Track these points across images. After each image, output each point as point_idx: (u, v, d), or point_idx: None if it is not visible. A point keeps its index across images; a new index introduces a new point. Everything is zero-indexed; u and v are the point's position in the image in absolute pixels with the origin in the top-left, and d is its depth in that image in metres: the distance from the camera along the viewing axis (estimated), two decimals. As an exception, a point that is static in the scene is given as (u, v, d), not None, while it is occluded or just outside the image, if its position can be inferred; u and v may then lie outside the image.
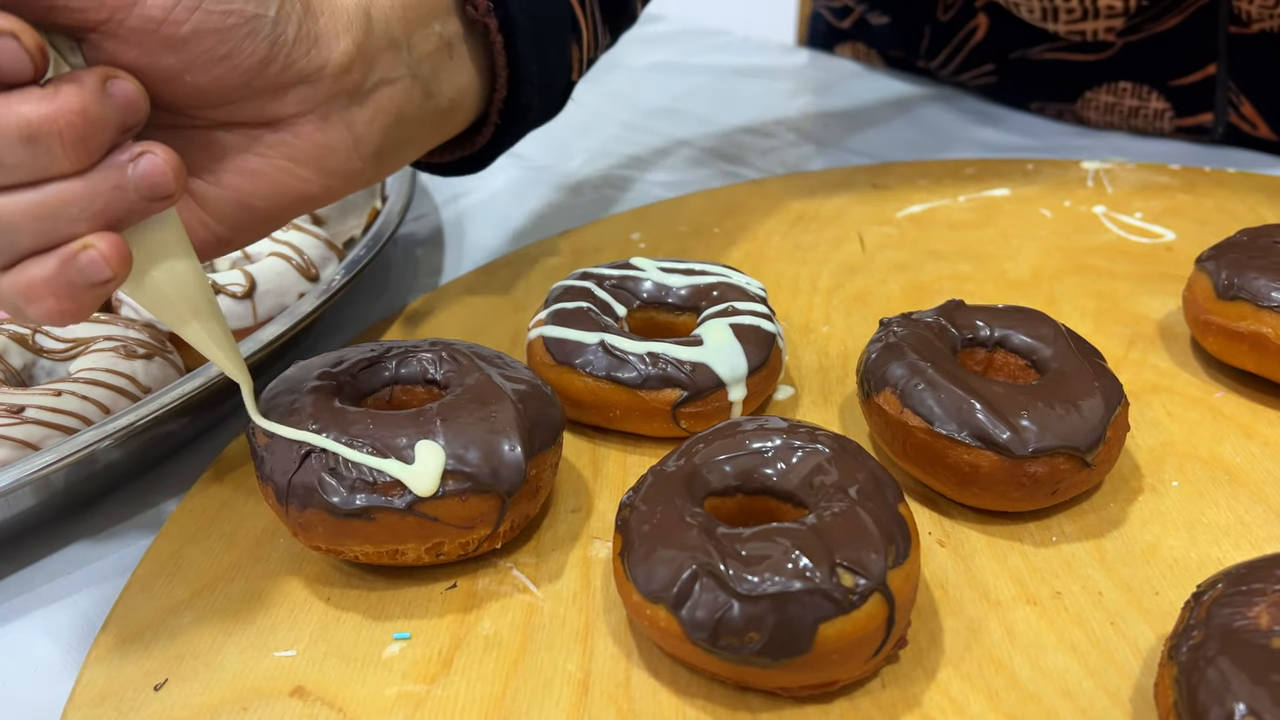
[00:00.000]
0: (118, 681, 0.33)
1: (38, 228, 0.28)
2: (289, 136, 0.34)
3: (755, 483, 0.35)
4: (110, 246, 0.29)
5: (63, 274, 0.28)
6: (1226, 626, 0.28)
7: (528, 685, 0.33)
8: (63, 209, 0.28)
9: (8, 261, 0.29)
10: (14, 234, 0.28)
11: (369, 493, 0.34)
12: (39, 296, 0.28)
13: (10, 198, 0.28)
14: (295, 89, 0.33)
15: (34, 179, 0.27)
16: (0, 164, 0.27)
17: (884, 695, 0.32)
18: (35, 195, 0.28)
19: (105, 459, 0.41)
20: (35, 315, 0.29)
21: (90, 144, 0.28)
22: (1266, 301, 0.42)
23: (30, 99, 0.27)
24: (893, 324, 0.42)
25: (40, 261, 0.28)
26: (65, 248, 0.28)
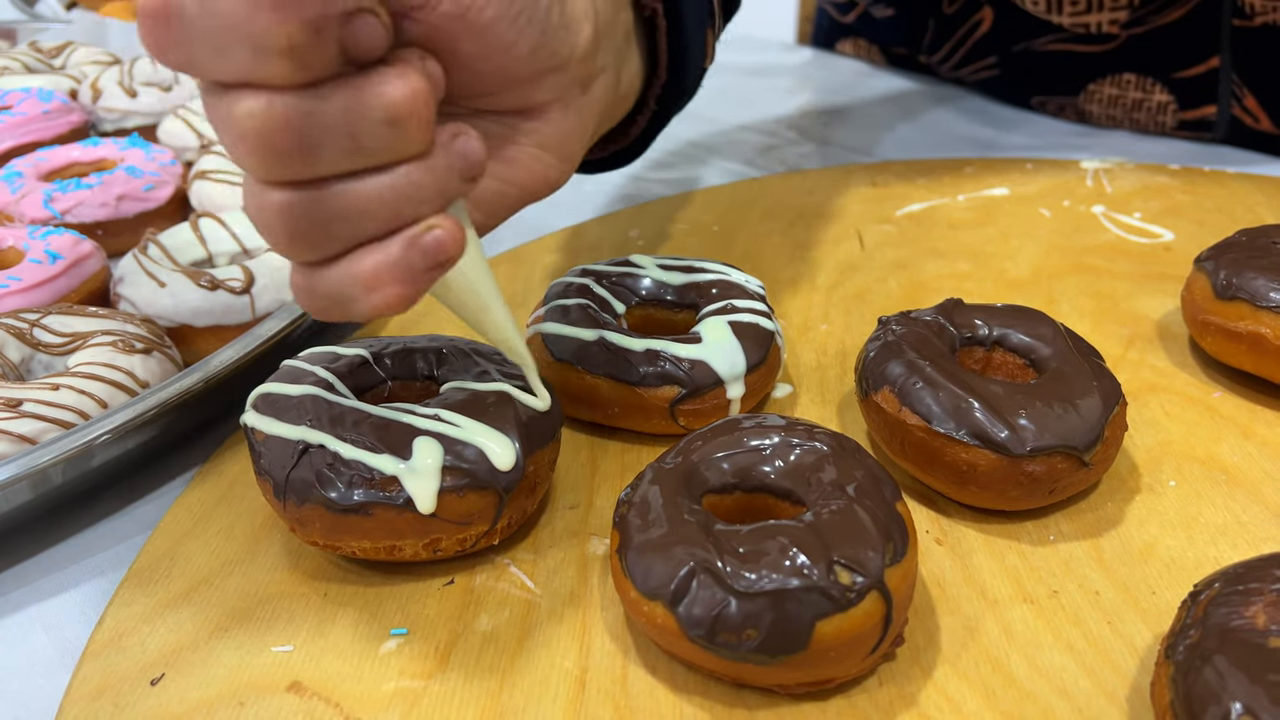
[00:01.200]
0: (114, 676, 0.33)
1: (389, 212, 0.27)
2: (540, 124, 0.34)
3: (753, 480, 0.35)
4: (454, 225, 0.28)
5: (406, 258, 0.28)
6: (1223, 626, 0.28)
7: (525, 682, 0.33)
8: (413, 191, 0.28)
9: (340, 250, 0.28)
10: (362, 219, 0.27)
11: (367, 488, 0.34)
12: (381, 284, 0.28)
13: (362, 182, 0.27)
14: (550, 76, 0.33)
15: (390, 161, 0.27)
16: (359, 147, 0.26)
17: (881, 693, 0.32)
18: (388, 178, 0.27)
19: (103, 454, 0.41)
20: (370, 306, 0.28)
21: (432, 125, 0.28)
22: (1265, 302, 0.42)
23: (388, 79, 0.26)
24: (891, 322, 0.42)
25: (380, 248, 0.28)
26: (409, 230, 0.28)
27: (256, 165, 0.26)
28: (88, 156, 0.66)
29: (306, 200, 0.27)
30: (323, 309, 0.29)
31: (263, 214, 0.27)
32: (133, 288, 0.51)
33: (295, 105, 0.25)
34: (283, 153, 0.26)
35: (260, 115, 0.25)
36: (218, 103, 0.26)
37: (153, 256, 0.52)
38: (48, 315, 0.47)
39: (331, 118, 0.26)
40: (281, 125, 0.25)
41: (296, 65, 0.25)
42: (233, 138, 0.26)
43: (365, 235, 0.28)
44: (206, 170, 0.62)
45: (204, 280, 0.50)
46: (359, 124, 0.26)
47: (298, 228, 0.27)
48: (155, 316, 0.50)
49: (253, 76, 0.25)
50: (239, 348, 0.45)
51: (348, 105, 0.26)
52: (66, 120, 0.73)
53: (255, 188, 0.27)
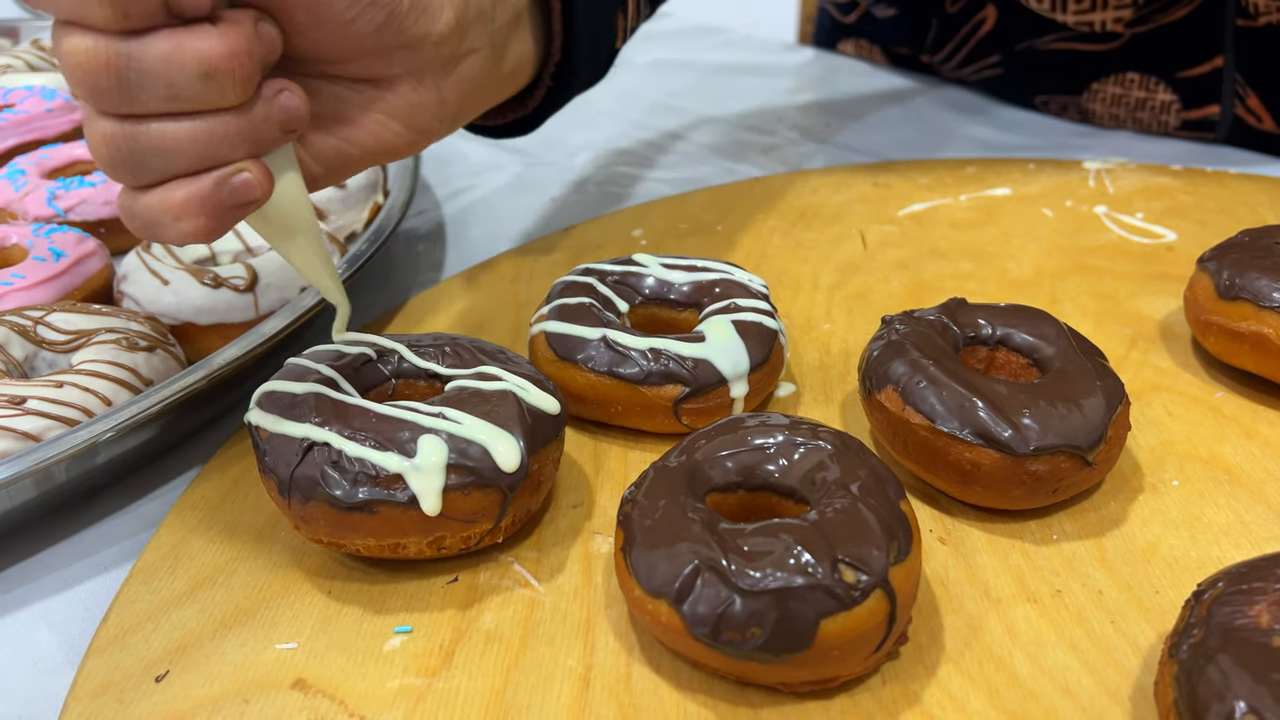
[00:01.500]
0: (119, 673, 0.33)
1: (199, 152, 0.30)
2: (387, 94, 0.36)
3: (757, 479, 0.35)
4: (261, 171, 0.32)
5: (215, 194, 0.31)
6: (1227, 625, 0.28)
7: (529, 679, 0.33)
8: (225, 137, 0.30)
9: (155, 180, 0.31)
10: (174, 156, 0.30)
11: (371, 486, 0.34)
12: (188, 214, 0.31)
13: (178, 124, 0.30)
14: (400, 52, 0.35)
15: (203, 109, 0.30)
16: (175, 94, 0.29)
17: (884, 691, 0.32)
18: (202, 123, 0.30)
19: (107, 451, 0.41)
20: (178, 233, 0.31)
21: (252, 81, 0.30)
22: (1267, 302, 0.42)
23: (209, 37, 0.29)
24: (895, 321, 0.42)
25: (193, 182, 0.31)
26: (220, 170, 0.31)
27: (83, 96, 0.29)
28: (90, 155, 0.66)
29: (126, 132, 0.30)
30: (139, 229, 0.32)
31: (90, 138, 0.30)
32: (136, 285, 0.51)
33: (115, 48, 0.28)
34: (103, 89, 0.29)
35: (83, 53, 0.28)
36: (56, 34, 0.29)
37: (156, 254, 0.52)
38: (51, 313, 0.47)
39: (149, 64, 0.28)
40: (102, 64, 0.28)
41: (116, 13, 0.28)
42: (64, 68, 0.29)
43: (178, 170, 0.30)
44: (209, 168, 0.62)
45: (207, 278, 0.50)
46: (174, 74, 0.29)
47: (118, 155, 0.30)
48: (158, 314, 0.50)
49: (77, 16, 0.28)
50: (242, 346, 0.45)
51: (165, 55, 0.28)
52: (69, 118, 0.73)
53: (88, 113, 0.30)
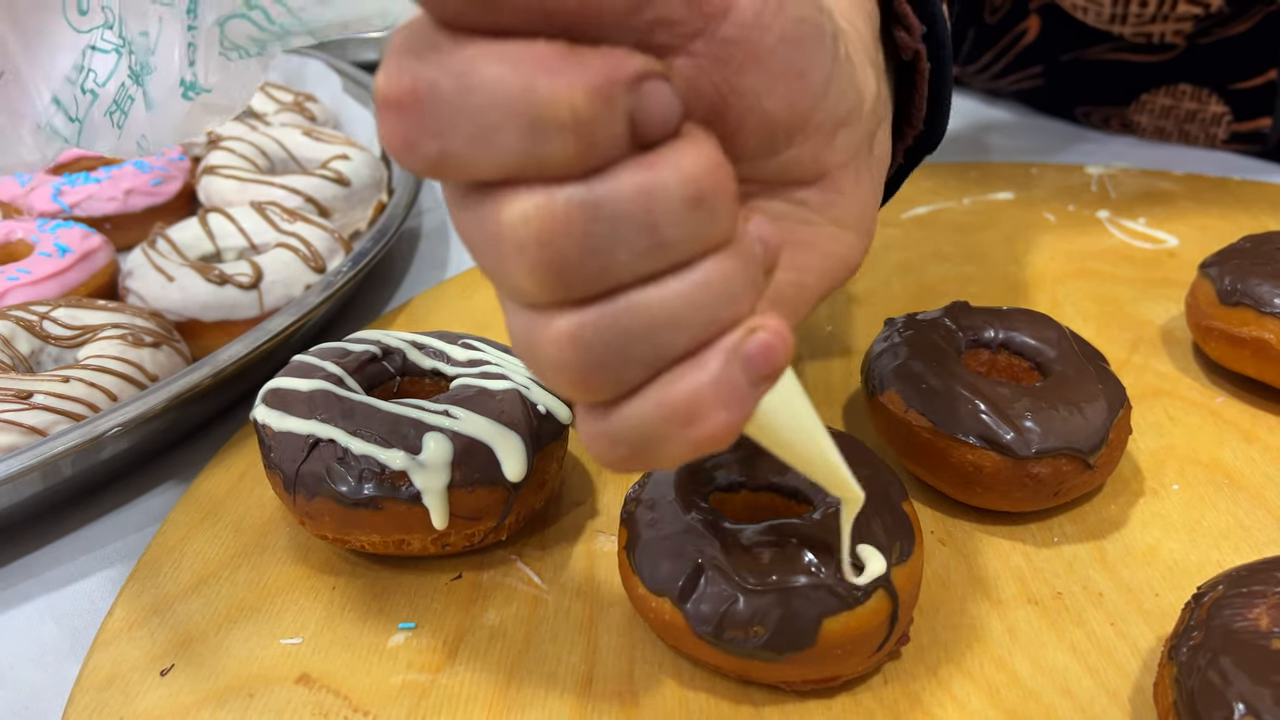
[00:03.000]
0: (124, 666, 0.34)
1: (701, 318, 0.21)
2: (835, 195, 0.28)
3: (760, 479, 0.35)
4: (776, 323, 0.22)
5: (728, 373, 0.21)
6: (1226, 627, 0.28)
7: (532, 676, 0.33)
8: (726, 288, 0.21)
9: (640, 381, 0.21)
10: (671, 333, 0.21)
11: (377, 483, 0.34)
12: (703, 412, 0.21)
13: (668, 285, 0.21)
14: (843, 130, 0.27)
15: (697, 254, 0.21)
16: (660, 242, 0.20)
17: (886, 691, 0.32)
18: (698, 276, 0.21)
19: (112, 446, 0.41)
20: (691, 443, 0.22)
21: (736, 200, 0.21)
22: (1268, 307, 0.43)
23: (683, 150, 0.20)
24: (898, 324, 0.42)
25: (694, 368, 0.21)
26: (726, 339, 0.21)
27: (539, 284, 0.20)
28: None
29: (600, 320, 0.21)
30: (627, 456, 0.22)
31: (547, 348, 0.21)
32: (141, 281, 0.51)
33: (581, 197, 0.19)
34: (571, 262, 0.20)
35: (539, 216, 0.19)
36: (478, 212, 0.20)
37: (161, 251, 0.52)
38: (57, 308, 0.47)
39: (625, 207, 0.20)
40: (566, 225, 0.19)
41: (583, 144, 0.19)
42: (504, 253, 0.20)
43: (674, 354, 0.21)
44: (214, 165, 0.63)
45: (212, 275, 0.50)
46: (657, 211, 0.20)
47: (593, 357, 0.21)
48: (164, 311, 0.50)
49: (527, 165, 0.19)
50: (247, 343, 0.45)
51: (641, 190, 0.20)
52: (75, 114, 0.73)
53: (531, 318, 0.21)
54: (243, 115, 0.72)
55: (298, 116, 0.71)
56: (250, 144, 0.65)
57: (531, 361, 0.22)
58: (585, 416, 0.22)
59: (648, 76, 0.20)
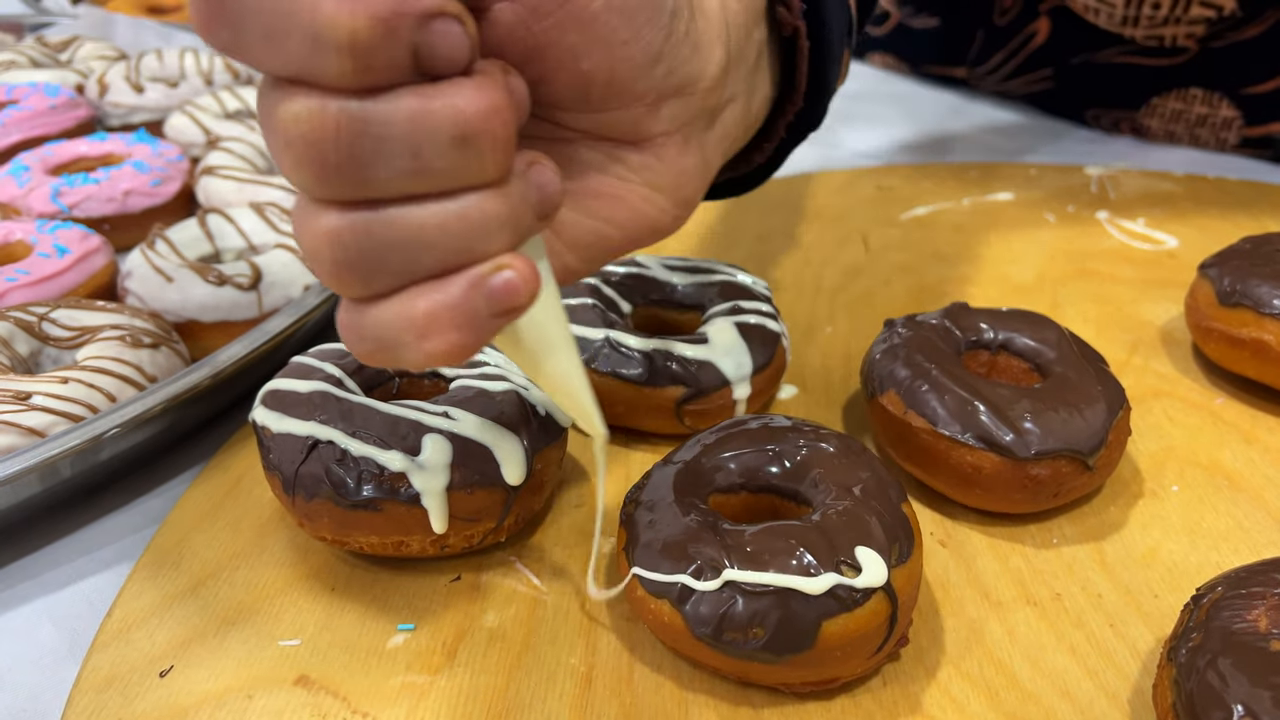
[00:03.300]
0: (123, 667, 0.34)
1: (451, 245, 0.23)
2: (652, 159, 0.29)
3: (759, 480, 0.35)
4: (526, 267, 0.24)
5: (469, 300, 0.23)
6: (1226, 629, 0.28)
7: (531, 678, 0.33)
8: (482, 224, 0.23)
9: (391, 287, 0.24)
10: (419, 252, 0.23)
11: (376, 484, 0.34)
12: (438, 328, 0.24)
13: (423, 208, 0.23)
14: (670, 102, 0.28)
15: (458, 186, 0.23)
16: (422, 167, 0.22)
17: (885, 693, 0.32)
18: (453, 206, 0.23)
19: (111, 447, 0.41)
20: (423, 353, 0.24)
21: (511, 147, 0.23)
22: (1268, 309, 0.43)
23: (462, 90, 0.22)
24: (897, 325, 0.42)
25: (440, 287, 0.23)
26: (474, 269, 0.23)
27: (303, 178, 0.22)
28: (95, 151, 0.66)
29: (358, 224, 0.23)
30: (369, 352, 0.25)
31: (309, 237, 0.23)
32: (140, 282, 0.51)
33: (350, 110, 0.22)
34: (332, 165, 0.22)
35: (309, 119, 0.21)
36: (266, 100, 0.22)
37: (160, 252, 0.52)
38: (56, 309, 0.47)
39: (392, 129, 0.22)
40: (332, 132, 0.22)
41: (357, 65, 0.21)
42: (279, 143, 0.22)
43: (423, 271, 0.24)
44: (213, 166, 0.63)
45: (211, 276, 0.50)
46: (424, 140, 0.22)
47: (346, 256, 0.23)
48: (162, 311, 0.50)
49: (305, 72, 0.21)
50: (246, 343, 0.45)
51: (411, 116, 0.22)
52: (73, 115, 0.73)
53: (304, 207, 0.23)
54: (242, 116, 0.72)
55: (297, 117, 0.71)
56: (249, 145, 0.65)
57: (301, 248, 0.24)
58: (342, 306, 0.25)
59: (439, 15, 0.21)
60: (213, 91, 0.76)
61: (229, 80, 0.79)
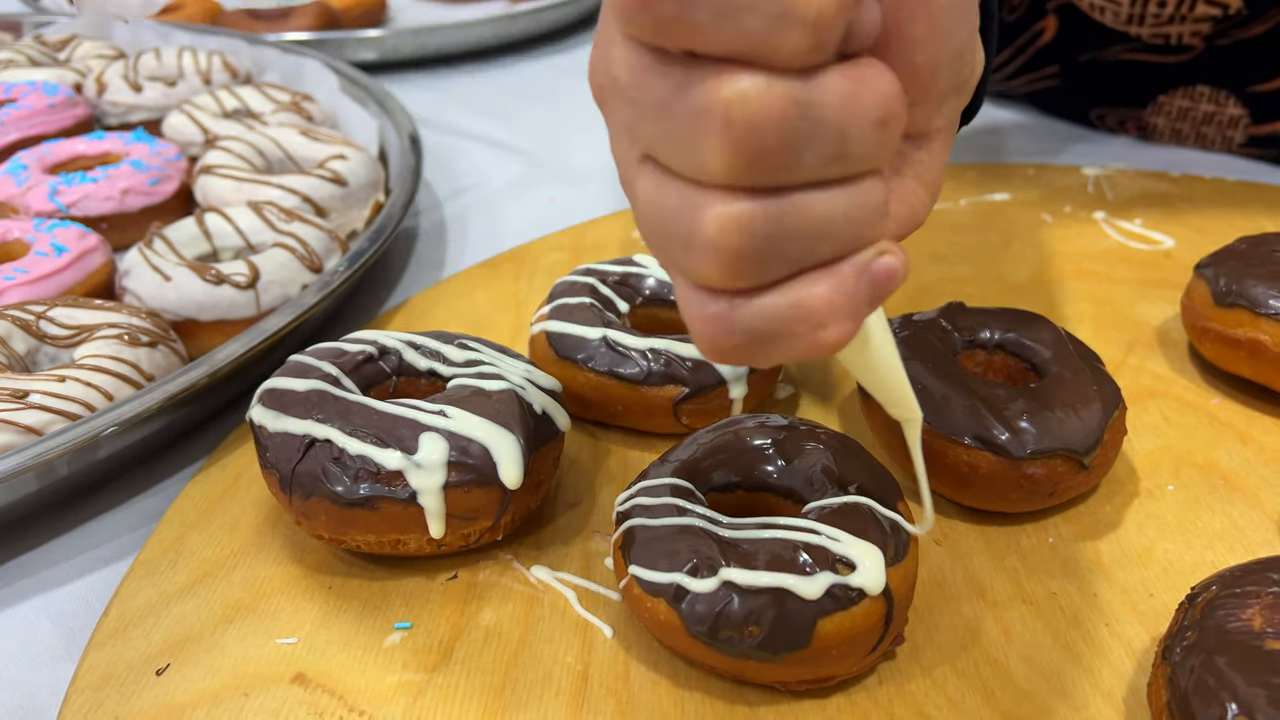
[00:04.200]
0: (120, 665, 0.34)
1: (850, 232, 0.23)
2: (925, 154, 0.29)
3: (756, 479, 0.35)
4: (900, 249, 0.24)
5: (856, 287, 0.23)
6: (1220, 628, 0.28)
7: (527, 676, 0.33)
8: (876, 210, 0.23)
9: (780, 276, 0.23)
10: (822, 239, 0.22)
11: (372, 482, 0.34)
12: (832, 317, 0.23)
13: (830, 195, 0.22)
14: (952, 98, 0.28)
15: (865, 171, 0.22)
16: (843, 153, 0.21)
17: (880, 691, 0.32)
18: (858, 191, 0.22)
19: (108, 446, 0.41)
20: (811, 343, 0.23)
21: None
22: (1264, 309, 0.43)
23: (883, 74, 0.22)
24: (894, 325, 0.42)
25: (831, 274, 0.23)
26: (860, 255, 0.23)
27: (730, 164, 0.21)
28: (93, 150, 0.66)
29: (770, 212, 0.22)
30: (739, 346, 0.23)
31: (709, 227, 0.22)
32: (138, 281, 0.51)
33: (795, 93, 0.20)
34: (768, 150, 0.21)
35: (757, 99, 0.20)
36: (686, 80, 0.21)
37: (158, 250, 0.52)
38: (54, 308, 0.47)
39: (828, 113, 0.21)
40: (779, 115, 0.20)
41: (815, 42, 0.20)
42: (706, 125, 0.21)
43: (818, 258, 0.23)
44: (211, 165, 0.63)
45: (209, 275, 0.50)
46: (851, 123, 0.21)
47: (752, 244, 0.22)
48: (160, 310, 0.50)
49: (758, 49, 0.20)
50: (244, 342, 0.45)
51: (845, 99, 0.21)
52: (71, 114, 0.73)
53: (699, 195, 0.22)
54: (240, 115, 0.72)
55: (295, 116, 0.71)
56: (247, 144, 0.65)
57: (674, 234, 0.22)
58: (709, 300, 0.23)
59: None
60: (211, 91, 0.76)
61: (227, 79, 0.79)
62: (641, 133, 0.23)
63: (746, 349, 0.23)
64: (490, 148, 0.80)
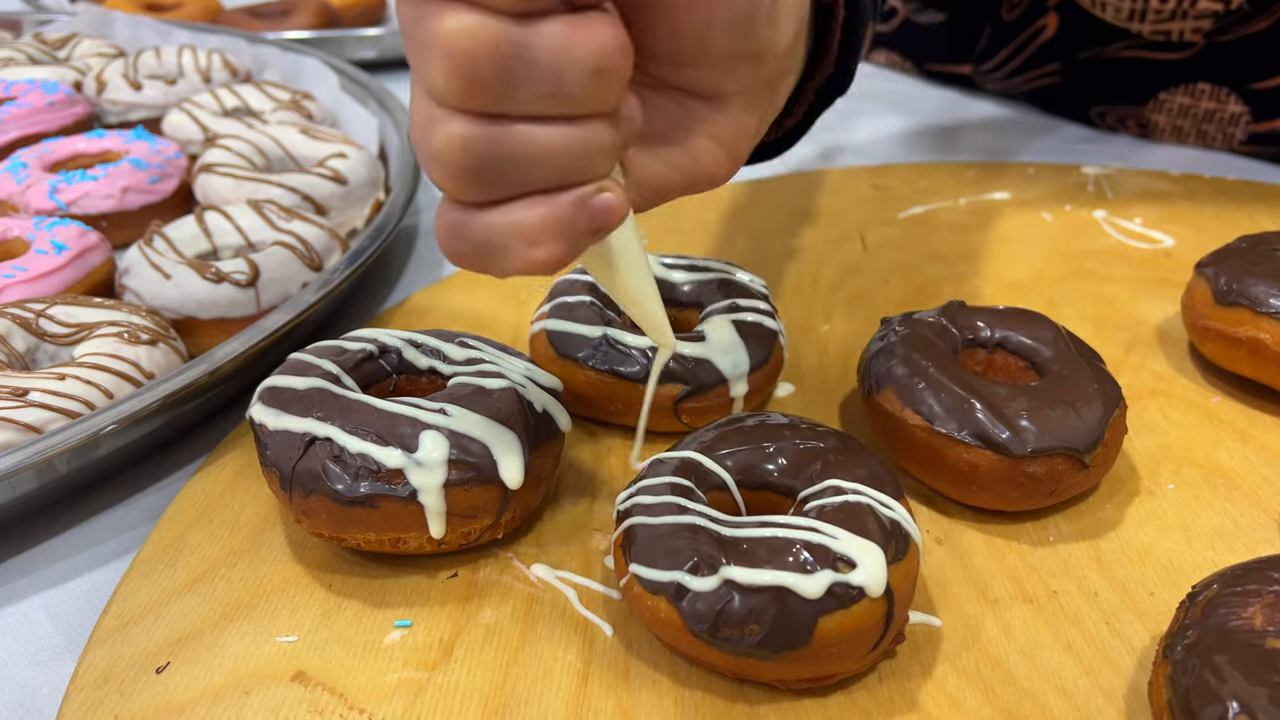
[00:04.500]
0: (120, 663, 0.34)
1: (568, 165, 0.26)
2: (719, 114, 0.31)
3: (756, 478, 0.35)
4: (620, 190, 0.27)
5: (574, 216, 0.26)
6: (1221, 626, 0.28)
7: (527, 674, 0.33)
8: (598, 149, 0.26)
9: (503, 196, 0.26)
10: (537, 168, 0.25)
11: (373, 481, 0.34)
12: (544, 237, 0.26)
13: (550, 129, 0.25)
14: (744, 65, 0.30)
15: (582, 112, 0.25)
16: (560, 92, 0.24)
17: (881, 690, 0.32)
18: (575, 130, 0.25)
19: (108, 444, 0.41)
20: (524, 260, 0.26)
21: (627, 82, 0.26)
22: (1264, 308, 0.43)
23: (604, 26, 0.25)
24: (894, 323, 0.42)
25: (549, 200, 0.26)
26: (580, 188, 0.26)
27: (450, 88, 0.24)
28: (93, 148, 0.66)
29: (489, 135, 0.25)
30: (467, 253, 0.27)
31: (439, 139, 0.25)
32: (138, 279, 0.51)
33: (509, 32, 0.23)
34: (482, 81, 0.24)
35: (471, 35, 0.23)
36: (423, 12, 0.24)
37: (158, 248, 0.52)
38: (53, 305, 0.47)
39: (541, 55, 0.24)
40: (489, 50, 0.23)
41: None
42: (437, 53, 0.24)
43: (537, 184, 0.26)
44: (211, 163, 0.62)
45: (209, 273, 0.50)
46: (566, 67, 0.24)
47: (473, 162, 0.25)
48: (160, 308, 0.50)
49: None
50: (244, 340, 0.45)
51: (560, 45, 0.24)
52: (71, 112, 0.73)
53: (436, 111, 0.25)
54: (240, 113, 0.72)
55: (295, 115, 0.71)
56: (247, 142, 0.65)
57: (421, 145, 0.26)
58: (447, 207, 0.27)
59: None
60: (211, 89, 0.76)
61: (227, 78, 0.79)
62: None
63: (473, 256, 0.27)
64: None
